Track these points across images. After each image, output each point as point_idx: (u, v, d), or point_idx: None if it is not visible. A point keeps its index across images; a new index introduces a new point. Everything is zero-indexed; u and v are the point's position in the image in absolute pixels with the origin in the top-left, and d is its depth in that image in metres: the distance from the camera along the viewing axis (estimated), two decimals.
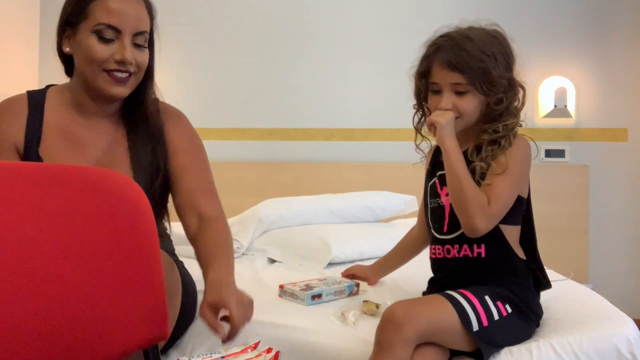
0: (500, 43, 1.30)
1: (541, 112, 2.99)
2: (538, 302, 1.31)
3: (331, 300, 1.52)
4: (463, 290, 1.21)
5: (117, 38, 1.22)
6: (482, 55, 1.25)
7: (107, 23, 1.21)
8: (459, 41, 1.26)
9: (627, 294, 2.93)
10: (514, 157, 1.27)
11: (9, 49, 2.83)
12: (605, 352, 1.20)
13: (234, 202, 2.76)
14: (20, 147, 1.27)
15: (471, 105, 1.28)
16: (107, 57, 1.22)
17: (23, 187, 0.88)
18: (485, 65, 1.25)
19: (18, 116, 1.28)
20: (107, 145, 1.32)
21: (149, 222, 0.93)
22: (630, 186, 2.99)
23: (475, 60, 1.24)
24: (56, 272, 0.86)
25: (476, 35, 1.28)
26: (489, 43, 1.27)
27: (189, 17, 3.09)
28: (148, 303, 0.92)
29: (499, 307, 1.20)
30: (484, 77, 1.25)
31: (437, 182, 1.39)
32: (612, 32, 2.97)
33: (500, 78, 1.26)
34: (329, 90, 3.08)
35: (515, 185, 1.28)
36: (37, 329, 0.84)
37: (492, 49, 1.26)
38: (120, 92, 1.26)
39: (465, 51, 1.25)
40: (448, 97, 1.28)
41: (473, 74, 1.24)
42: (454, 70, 1.26)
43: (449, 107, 1.27)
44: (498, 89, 1.27)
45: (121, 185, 0.93)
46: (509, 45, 1.32)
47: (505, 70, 1.28)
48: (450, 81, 1.27)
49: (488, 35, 1.29)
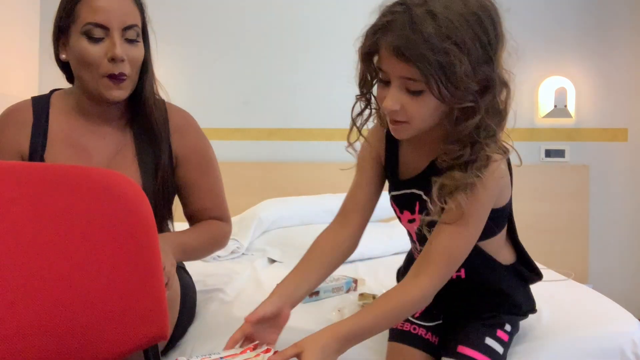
0: (481, 23, 0.90)
1: (541, 112, 2.99)
2: (530, 296, 1.21)
3: (329, 297, 1.52)
4: (463, 349, 1.09)
5: (107, 35, 1.19)
6: (446, 42, 0.87)
7: (94, 22, 1.18)
8: (417, 18, 0.88)
9: (627, 294, 2.92)
10: (475, 205, 0.97)
11: (9, 50, 2.82)
12: (609, 353, 1.19)
13: (234, 202, 2.75)
14: (25, 156, 1.26)
15: (424, 110, 0.94)
16: (100, 57, 1.19)
17: (23, 187, 0.88)
18: (448, 59, 0.87)
19: (23, 124, 1.27)
20: (115, 151, 1.30)
21: (149, 222, 0.93)
22: (630, 186, 2.99)
23: (433, 50, 0.87)
24: (56, 272, 0.86)
25: (445, 11, 0.88)
26: (461, 23, 0.88)
27: (188, 17, 3.09)
28: (148, 303, 0.92)
29: (500, 337, 1.12)
30: (445, 75, 0.88)
31: (394, 204, 1.15)
32: (612, 32, 2.97)
33: (467, 78, 0.89)
34: (329, 90, 3.08)
35: (474, 230, 1.01)
36: (37, 328, 0.84)
37: (463, 33, 0.88)
38: (118, 95, 1.23)
39: (422, 35, 0.87)
40: (395, 94, 0.93)
41: (429, 69, 0.87)
42: (404, 61, 0.90)
43: (396, 107, 0.93)
44: (463, 94, 0.90)
45: (121, 185, 0.93)
46: (496, 27, 0.93)
47: (480, 65, 0.91)
48: (400, 74, 0.92)
49: (465, 9, 0.90)
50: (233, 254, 2.19)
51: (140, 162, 1.30)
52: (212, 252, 1.43)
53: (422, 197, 1.07)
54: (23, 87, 2.86)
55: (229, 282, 1.71)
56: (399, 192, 1.12)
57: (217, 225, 1.41)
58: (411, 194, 1.10)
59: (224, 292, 1.59)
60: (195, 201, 1.39)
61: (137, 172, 1.29)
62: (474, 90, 0.91)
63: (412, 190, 1.10)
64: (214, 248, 1.42)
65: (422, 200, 1.06)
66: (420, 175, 1.07)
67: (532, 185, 2.89)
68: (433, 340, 1.19)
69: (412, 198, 1.10)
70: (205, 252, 1.39)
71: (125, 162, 1.29)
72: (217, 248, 1.43)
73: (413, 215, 1.11)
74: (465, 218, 0.97)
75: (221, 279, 1.74)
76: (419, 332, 1.20)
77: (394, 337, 1.22)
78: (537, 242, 1.31)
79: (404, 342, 1.19)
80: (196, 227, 1.39)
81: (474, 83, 0.90)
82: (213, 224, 1.40)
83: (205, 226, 1.39)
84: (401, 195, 1.12)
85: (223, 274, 1.84)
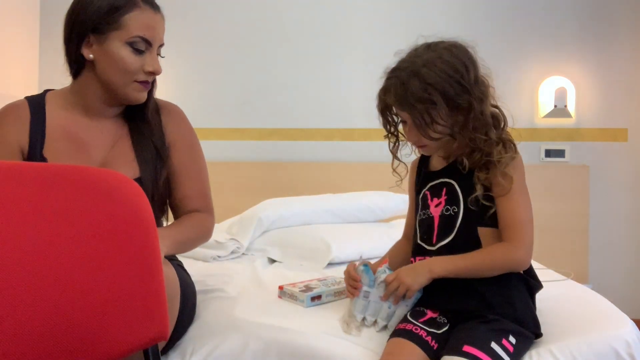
0: (452, 66, 1.24)
1: (541, 112, 2.99)
2: (535, 316, 1.27)
3: (331, 301, 1.51)
4: (469, 348, 1.13)
5: (147, 50, 1.30)
6: (428, 90, 1.22)
7: (143, 36, 1.28)
8: (405, 79, 1.24)
9: (627, 294, 2.93)
10: (516, 174, 1.26)
11: (9, 49, 2.83)
12: (604, 355, 1.19)
13: (234, 202, 2.77)
14: (25, 150, 1.30)
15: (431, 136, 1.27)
16: (139, 67, 1.29)
17: (22, 186, 0.88)
18: (430, 104, 1.23)
19: (21, 119, 1.31)
20: (112, 143, 1.36)
21: (149, 222, 0.93)
22: (630, 186, 2.99)
23: (419, 100, 1.23)
24: (55, 272, 0.86)
25: (423, 69, 1.23)
26: (437, 72, 1.22)
27: (188, 17, 3.09)
28: (148, 303, 0.92)
29: (505, 345, 1.16)
30: (429, 115, 1.24)
31: (428, 193, 1.37)
32: (612, 32, 2.97)
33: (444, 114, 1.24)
34: (329, 90, 3.08)
35: (525, 195, 1.28)
36: (36, 328, 0.84)
37: (440, 79, 1.22)
38: (143, 97, 1.35)
39: (408, 91, 1.23)
40: (411, 131, 1.30)
41: (417, 113, 1.24)
42: (403, 110, 1.28)
43: (413, 139, 1.31)
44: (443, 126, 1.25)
45: (121, 185, 0.93)
46: (467, 63, 1.25)
47: (460, 95, 1.23)
48: (406, 118, 1.29)
49: (439, 61, 1.24)
50: (233, 254, 2.19)
51: (137, 152, 1.35)
52: (196, 245, 1.43)
53: (449, 183, 1.32)
54: (23, 87, 2.86)
55: (229, 282, 1.71)
56: (436, 181, 1.35)
57: (201, 218, 1.44)
58: (442, 182, 1.34)
59: (224, 292, 1.59)
60: (183, 187, 1.43)
61: (134, 161, 1.34)
62: (453, 119, 1.25)
63: (444, 179, 1.34)
64: (199, 242, 1.44)
65: (450, 186, 1.32)
66: (448, 167, 1.34)
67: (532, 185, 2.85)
68: (432, 345, 1.21)
69: (441, 186, 1.34)
70: (191, 245, 1.40)
71: (123, 153, 1.35)
72: (202, 241, 1.45)
73: (440, 199, 1.33)
74: (513, 188, 1.24)
75: (221, 279, 1.74)
76: (421, 333, 1.22)
77: (395, 334, 1.25)
78: (537, 241, 1.31)
79: (403, 338, 1.22)
80: (181, 221, 1.41)
81: (455, 113, 1.25)
82: (197, 217, 1.43)
83: (190, 220, 1.41)
84: (436, 185, 1.35)
85: (223, 274, 1.84)
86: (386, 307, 1.30)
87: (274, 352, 1.26)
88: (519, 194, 1.25)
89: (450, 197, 1.31)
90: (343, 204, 2.45)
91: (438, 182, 1.35)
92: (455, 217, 1.29)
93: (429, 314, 1.27)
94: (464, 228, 1.28)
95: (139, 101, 1.34)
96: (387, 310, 1.30)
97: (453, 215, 1.29)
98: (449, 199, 1.31)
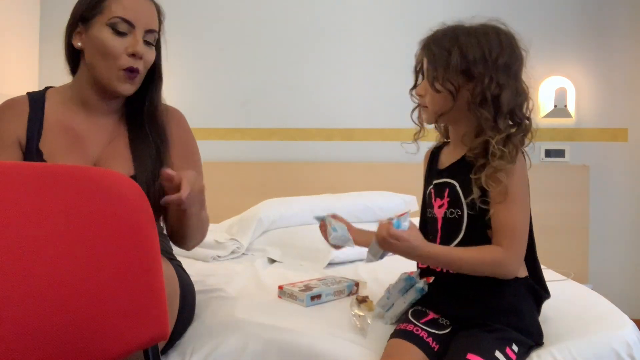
0: (487, 37, 1.26)
1: (541, 112, 2.99)
2: (539, 326, 1.26)
3: (330, 300, 1.52)
4: (473, 357, 1.12)
5: (130, 32, 1.28)
6: (451, 43, 1.24)
7: (122, 17, 1.27)
8: (440, 34, 1.27)
9: (627, 294, 2.93)
10: (514, 181, 1.22)
11: (9, 49, 2.83)
12: (604, 356, 1.19)
13: (234, 202, 2.77)
14: (22, 143, 1.31)
15: (435, 99, 1.27)
16: (121, 50, 1.27)
17: (22, 187, 0.88)
18: (450, 50, 1.23)
19: (20, 113, 1.33)
20: (108, 140, 1.36)
21: (148, 222, 0.93)
22: (630, 186, 2.99)
23: (440, 47, 1.25)
24: (55, 272, 0.86)
25: (462, 29, 1.27)
26: (468, 36, 1.25)
27: (189, 17, 3.09)
28: (148, 302, 0.92)
29: (509, 354, 1.15)
30: (440, 63, 1.24)
31: (433, 192, 1.34)
32: (612, 32, 2.97)
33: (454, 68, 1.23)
34: (329, 90, 3.08)
35: (523, 204, 1.23)
36: (36, 328, 0.84)
37: (467, 41, 1.24)
38: (128, 90, 1.32)
39: (435, 39, 1.27)
40: (423, 84, 1.30)
41: (432, 55, 1.25)
42: (423, 50, 1.30)
43: (422, 92, 1.30)
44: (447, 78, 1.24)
45: (121, 185, 0.93)
46: (502, 42, 1.28)
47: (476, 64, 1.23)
48: (425, 65, 1.30)
49: (480, 28, 1.28)
50: (233, 254, 2.20)
51: (133, 151, 1.35)
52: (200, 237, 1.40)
53: (451, 184, 1.29)
54: (23, 87, 2.86)
55: (229, 282, 1.71)
56: (439, 180, 1.32)
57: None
58: (444, 182, 1.31)
59: (224, 291, 1.59)
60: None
61: (129, 160, 1.34)
62: (459, 79, 1.23)
63: (446, 179, 1.31)
64: (202, 235, 1.41)
65: (452, 187, 1.29)
66: (453, 165, 1.31)
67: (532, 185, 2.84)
68: (433, 346, 1.20)
69: (444, 186, 1.31)
70: (198, 233, 1.37)
71: (119, 151, 1.35)
72: (201, 237, 1.42)
73: (442, 201, 1.31)
74: (511, 195, 1.20)
75: (221, 279, 1.74)
76: (421, 334, 1.22)
77: (395, 335, 1.24)
78: (537, 242, 1.31)
79: (404, 339, 1.21)
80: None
81: (461, 75, 1.23)
82: None
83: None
84: (439, 184, 1.32)
85: (223, 274, 1.84)
86: (385, 297, 1.35)
87: (274, 352, 1.26)
88: (513, 202, 1.20)
89: (452, 199, 1.28)
90: (343, 204, 2.45)
91: (441, 182, 1.32)
92: (460, 220, 1.25)
93: (431, 314, 1.27)
94: (471, 231, 1.25)
95: (125, 93, 1.32)
96: (386, 301, 1.34)
97: (457, 218, 1.26)
98: (452, 201, 1.28)
